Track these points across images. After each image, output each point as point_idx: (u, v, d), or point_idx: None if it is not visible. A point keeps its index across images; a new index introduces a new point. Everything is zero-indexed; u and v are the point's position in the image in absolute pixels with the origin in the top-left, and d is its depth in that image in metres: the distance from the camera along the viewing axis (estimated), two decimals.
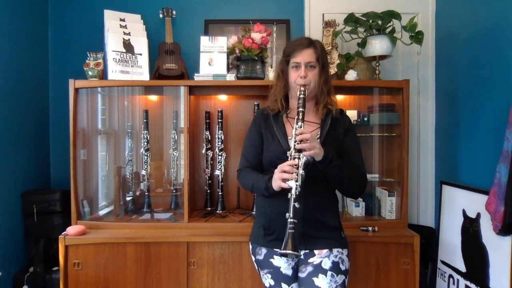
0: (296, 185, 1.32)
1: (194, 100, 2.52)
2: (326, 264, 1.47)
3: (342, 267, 1.49)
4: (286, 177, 1.35)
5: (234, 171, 2.56)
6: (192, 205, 2.42)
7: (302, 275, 1.51)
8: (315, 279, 1.47)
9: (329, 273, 1.46)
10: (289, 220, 1.30)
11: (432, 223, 2.59)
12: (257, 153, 1.61)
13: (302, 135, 1.36)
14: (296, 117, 1.44)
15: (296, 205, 1.31)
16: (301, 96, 1.46)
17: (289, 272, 1.54)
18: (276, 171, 1.40)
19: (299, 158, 1.36)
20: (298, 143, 1.36)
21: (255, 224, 1.64)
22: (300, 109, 1.44)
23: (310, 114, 1.59)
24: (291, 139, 1.47)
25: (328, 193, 1.57)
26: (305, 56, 1.51)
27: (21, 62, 2.39)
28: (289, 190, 1.34)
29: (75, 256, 2.07)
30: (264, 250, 1.56)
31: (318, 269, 1.47)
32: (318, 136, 1.53)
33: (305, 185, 1.43)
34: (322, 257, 1.48)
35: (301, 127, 1.41)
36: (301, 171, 1.34)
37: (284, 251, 1.27)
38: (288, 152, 1.41)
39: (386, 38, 2.20)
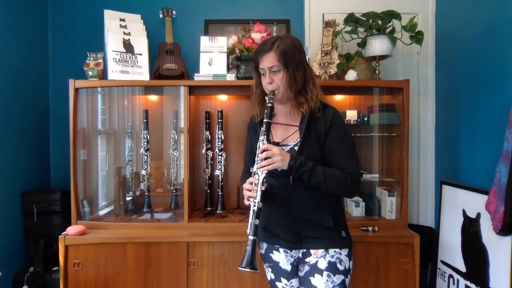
0: (255, 202, 1.36)
1: (194, 100, 2.52)
2: (322, 264, 1.47)
3: (340, 267, 1.47)
4: (248, 195, 1.40)
5: (234, 171, 2.56)
6: (192, 205, 2.42)
7: (300, 273, 1.53)
8: (311, 278, 1.48)
9: (325, 273, 1.46)
10: (249, 237, 1.34)
11: (432, 223, 2.59)
12: (253, 160, 1.59)
13: (261, 154, 1.38)
14: (261, 129, 1.44)
15: (255, 222, 1.34)
16: (268, 105, 1.44)
17: (288, 267, 1.55)
18: (243, 186, 1.44)
19: (258, 174, 1.39)
20: (260, 161, 1.38)
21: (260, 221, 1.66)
22: (265, 120, 1.42)
23: (289, 117, 1.55)
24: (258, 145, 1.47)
25: (322, 192, 1.46)
26: (266, 61, 1.45)
27: (21, 62, 2.39)
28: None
29: (75, 256, 2.07)
30: (265, 245, 1.60)
31: (314, 269, 1.47)
32: (298, 139, 1.49)
33: (293, 183, 1.46)
34: (318, 257, 1.48)
35: (263, 141, 1.41)
36: (260, 188, 1.37)
37: (242, 268, 1.31)
38: (251, 168, 1.44)
39: (386, 38, 2.20)
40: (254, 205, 1.36)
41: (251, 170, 1.44)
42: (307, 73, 1.50)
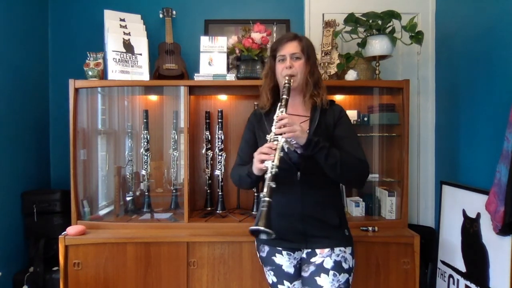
0: (272, 165, 1.30)
1: (194, 100, 2.52)
2: (328, 263, 1.47)
3: (345, 266, 1.48)
4: (264, 158, 1.33)
5: None
6: (192, 205, 2.42)
7: (305, 274, 1.51)
8: (317, 278, 1.47)
9: (331, 272, 1.46)
10: (262, 198, 1.25)
11: (432, 223, 2.59)
12: (251, 151, 1.57)
13: (282, 121, 1.35)
14: (279, 104, 1.43)
15: (272, 184, 1.27)
16: (286, 85, 1.47)
17: (291, 270, 1.54)
18: (255, 154, 1.39)
19: (277, 140, 1.35)
20: (277, 128, 1.35)
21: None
22: (284, 96, 1.44)
23: (299, 107, 1.58)
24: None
25: (328, 190, 1.53)
26: (289, 48, 1.52)
27: (21, 62, 2.39)
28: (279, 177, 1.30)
29: (75, 256, 2.07)
30: (267, 248, 1.57)
31: (320, 269, 1.47)
32: (308, 130, 1.51)
33: (300, 179, 1.45)
34: (324, 257, 1.48)
35: (282, 112, 1.40)
36: (279, 153, 1.32)
37: (255, 227, 1.17)
38: (267, 136, 1.39)
39: (386, 38, 2.20)
40: (272, 168, 1.29)
41: (267, 138, 1.38)
42: (319, 73, 1.61)
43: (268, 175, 1.30)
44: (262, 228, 1.17)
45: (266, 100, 1.60)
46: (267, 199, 1.24)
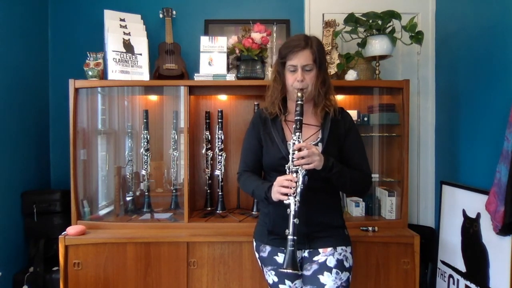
0: (295, 201, 1.32)
1: (194, 100, 2.52)
2: (331, 262, 1.48)
3: (346, 264, 1.50)
4: (285, 192, 1.34)
5: (234, 171, 2.56)
6: (192, 205, 2.42)
7: (307, 273, 1.51)
8: (320, 276, 1.48)
9: (334, 270, 1.47)
10: (289, 237, 1.30)
11: (432, 223, 2.59)
12: (256, 158, 1.60)
13: (301, 153, 1.34)
14: (294, 126, 1.41)
15: (296, 221, 1.31)
16: (299, 102, 1.43)
17: None
18: (275, 184, 1.39)
19: (297, 172, 1.35)
20: (296, 159, 1.34)
21: (259, 222, 1.64)
22: (298, 117, 1.41)
23: (309, 116, 1.56)
24: (289, 143, 1.45)
25: (331, 194, 1.57)
26: (301, 58, 1.46)
27: (21, 62, 2.39)
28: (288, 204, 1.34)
29: (75, 256, 2.07)
30: (268, 248, 1.57)
31: (324, 267, 1.48)
32: (319, 139, 1.52)
33: (307, 187, 1.42)
34: (327, 255, 1.49)
35: (299, 137, 1.39)
36: (300, 186, 1.34)
37: (285, 270, 1.28)
38: (286, 165, 1.39)
39: (386, 38, 2.20)
40: (295, 205, 1.32)
41: (286, 167, 1.38)
42: (329, 78, 1.57)
43: (292, 213, 1.31)
44: (290, 270, 1.27)
45: (278, 110, 1.57)
46: (292, 237, 1.29)
